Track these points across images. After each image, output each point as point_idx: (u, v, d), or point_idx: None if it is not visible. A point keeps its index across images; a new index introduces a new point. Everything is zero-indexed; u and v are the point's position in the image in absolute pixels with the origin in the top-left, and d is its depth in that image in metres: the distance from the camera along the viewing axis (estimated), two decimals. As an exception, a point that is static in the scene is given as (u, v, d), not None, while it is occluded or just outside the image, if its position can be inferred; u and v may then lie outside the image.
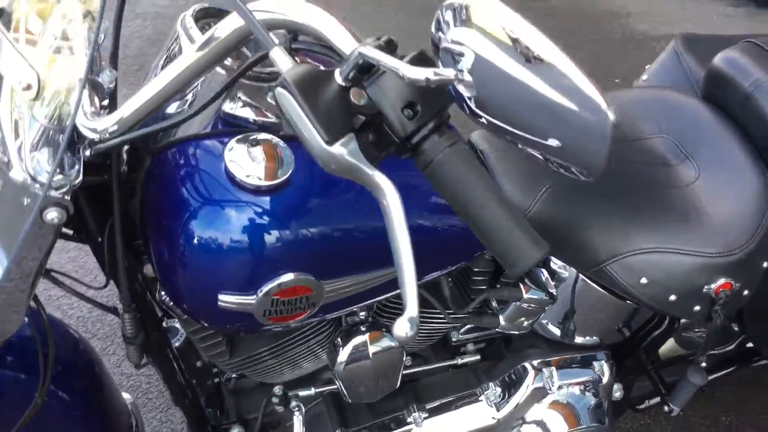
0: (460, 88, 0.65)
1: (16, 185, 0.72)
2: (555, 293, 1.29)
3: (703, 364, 1.39)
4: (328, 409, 1.33)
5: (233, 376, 1.37)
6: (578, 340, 1.41)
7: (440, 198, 0.69)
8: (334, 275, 0.94)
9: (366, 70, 0.65)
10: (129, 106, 0.76)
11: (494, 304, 1.31)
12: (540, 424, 1.38)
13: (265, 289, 0.88)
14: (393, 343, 1.14)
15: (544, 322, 1.38)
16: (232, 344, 1.16)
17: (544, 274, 1.30)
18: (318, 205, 0.89)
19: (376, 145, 0.67)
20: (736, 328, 1.49)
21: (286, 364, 1.22)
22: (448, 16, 0.67)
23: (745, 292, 1.26)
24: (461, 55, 0.64)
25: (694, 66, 1.54)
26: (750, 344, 1.65)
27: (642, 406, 1.62)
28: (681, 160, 1.32)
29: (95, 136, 0.74)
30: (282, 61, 0.67)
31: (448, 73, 0.62)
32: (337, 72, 0.66)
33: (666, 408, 1.53)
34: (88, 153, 0.75)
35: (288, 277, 0.88)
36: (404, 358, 1.19)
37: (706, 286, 1.22)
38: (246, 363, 1.19)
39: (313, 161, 0.67)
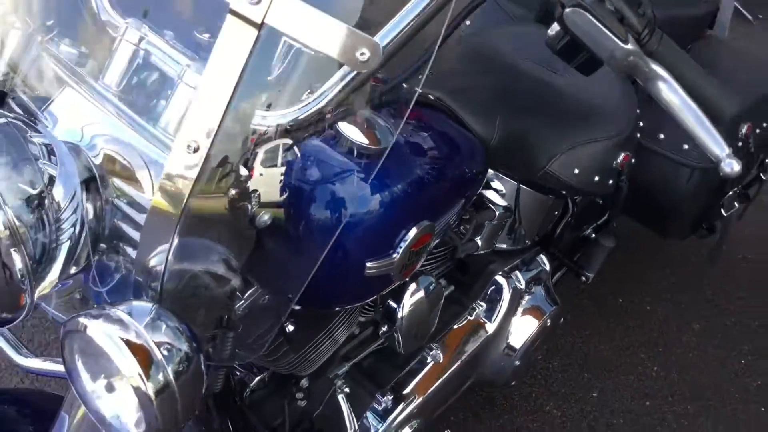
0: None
1: None
2: (510, 206, 1.52)
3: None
4: (356, 382, 1.42)
5: (248, 390, 1.40)
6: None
7: (444, 150, 0.86)
8: (440, 215, 1.06)
9: None
10: None
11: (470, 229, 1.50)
12: (519, 321, 1.62)
13: (404, 244, 0.98)
14: (433, 280, 1.28)
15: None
16: (288, 343, 1.21)
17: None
18: (413, 160, 1.01)
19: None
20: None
21: (331, 344, 1.30)
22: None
23: (633, 161, 1.60)
24: None
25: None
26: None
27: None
28: (561, 74, 1.62)
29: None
30: None
31: None
32: None
33: (583, 278, 1.86)
34: None
35: (414, 229, 0.99)
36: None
37: (614, 162, 1.53)
38: (305, 355, 1.24)
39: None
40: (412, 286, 1.25)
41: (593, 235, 1.93)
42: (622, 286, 2.38)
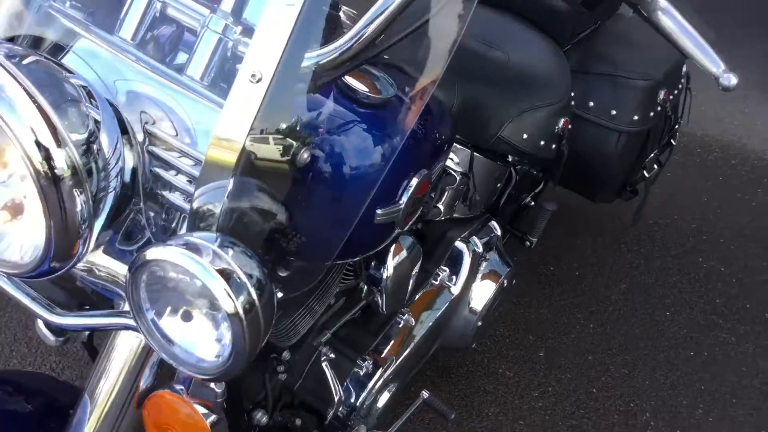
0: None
1: None
2: (467, 173, 1.61)
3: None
4: (337, 350, 1.47)
5: None
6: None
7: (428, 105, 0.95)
8: (433, 165, 1.13)
9: None
10: None
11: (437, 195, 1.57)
12: (480, 285, 1.71)
13: (408, 192, 1.04)
14: (413, 240, 1.35)
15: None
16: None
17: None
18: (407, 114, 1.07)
19: None
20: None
21: (311, 315, 1.34)
22: None
23: (569, 126, 1.73)
24: None
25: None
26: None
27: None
28: (501, 50, 1.72)
29: None
30: None
31: None
32: None
33: (527, 243, 1.98)
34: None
35: (415, 177, 1.05)
36: None
37: (556, 127, 1.66)
38: (291, 324, 1.29)
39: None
40: (395, 246, 1.31)
41: (532, 203, 2.06)
42: (552, 254, 2.53)
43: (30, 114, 0.68)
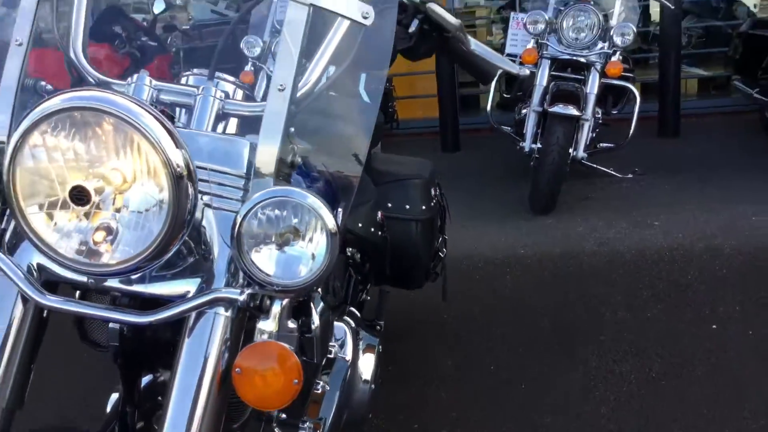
0: None
1: None
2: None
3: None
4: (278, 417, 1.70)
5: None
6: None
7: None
8: None
9: None
10: None
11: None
12: (362, 359, 2.07)
13: None
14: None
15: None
16: None
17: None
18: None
19: None
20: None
21: None
22: None
23: (384, 219, 2.24)
24: None
25: None
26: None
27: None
28: None
29: None
30: None
31: None
32: None
33: (378, 327, 2.38)
34: None
35: None
36: None
37: (377, 218, 2.16)
38: None
39: None
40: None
41: (368, 297, 2.48)
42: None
43: (158, 125, 1.00)
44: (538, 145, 4.31)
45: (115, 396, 1.55)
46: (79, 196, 1.01)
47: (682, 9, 6.02)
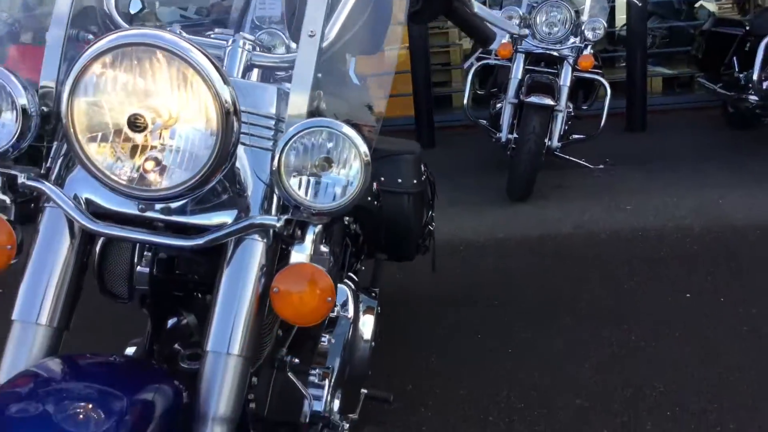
0: None
1: None
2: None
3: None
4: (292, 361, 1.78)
5: None
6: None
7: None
8: None
9: None
10: None
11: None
12: (362, 320, 2.18)
13: None
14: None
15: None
16: None
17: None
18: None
19: None
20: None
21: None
22: None
23: (379, 189, 2.36)
24: None
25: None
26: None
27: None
28: None
29: None
30: None
31: None
32: None
33: (373, 294, 2.49)
34: None
35: None
36: None
37: (373, 187, 2.28)
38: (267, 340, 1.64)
39: None
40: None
41: (362, 267, 2.59)
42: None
43: (207, 62, 1.09)
44: (515, 136, 4.47)
45: (131, 350, 1.64)
46: (136, 123, 1.11)
47: (647, 11, 6.26)
